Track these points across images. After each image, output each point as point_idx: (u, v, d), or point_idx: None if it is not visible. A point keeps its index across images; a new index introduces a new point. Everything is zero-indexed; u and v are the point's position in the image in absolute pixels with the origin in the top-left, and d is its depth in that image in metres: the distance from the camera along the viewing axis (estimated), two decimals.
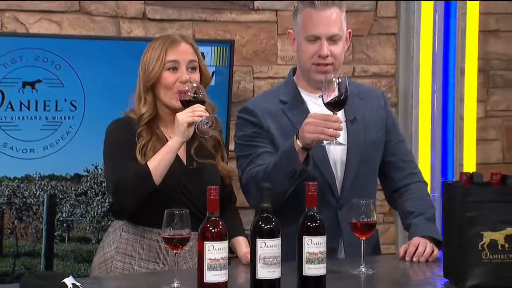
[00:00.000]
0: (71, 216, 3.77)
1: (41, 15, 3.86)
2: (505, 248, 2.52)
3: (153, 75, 2.89)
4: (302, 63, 2.98)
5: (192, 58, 2.93)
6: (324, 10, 2.90)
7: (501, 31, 4.61)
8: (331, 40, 2.91)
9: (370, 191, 3.01)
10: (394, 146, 3.08)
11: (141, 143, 2.86)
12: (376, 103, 3.08)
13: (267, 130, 2.94)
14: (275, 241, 2.32)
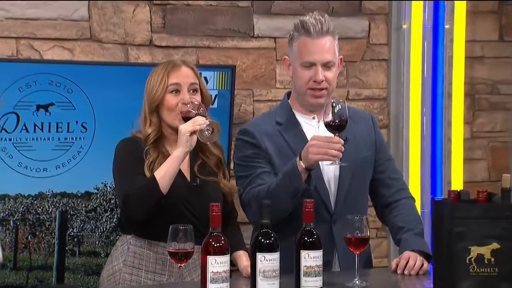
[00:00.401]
0: (81, 231, 3.76)
1: (54, 42, 3.87)
2: (491, 262, 2.52)
3: (157, 97, 2.90)
4: (298, 88, 2.99)
5: (193, 81, 2.94)
6: (319, 39, 2.91)
7: (485, 57, 4.62)
8: (326, 66, 2.92)
9: (362, 206, 3.02)
10: (382, 164, 3.08)
11: (149, 160, 2.86)
12: (365, 124, 3.09)
13: (265, 150, 2.94)
14: (274, 255, 2.32)
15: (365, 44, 4.41)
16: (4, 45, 3.78)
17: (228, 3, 4.14)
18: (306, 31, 2.92)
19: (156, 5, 4.03)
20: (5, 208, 3.62)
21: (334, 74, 2.96)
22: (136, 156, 2.88)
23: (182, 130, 2.75)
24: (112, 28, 3.96)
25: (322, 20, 2.93)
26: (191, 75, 2.95)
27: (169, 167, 2.77)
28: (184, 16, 4.08)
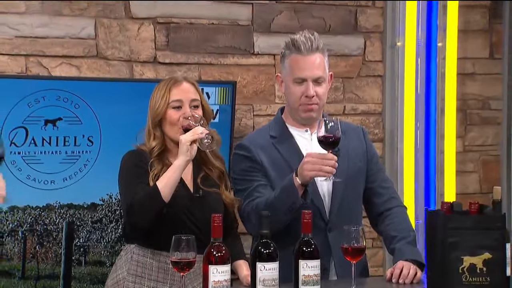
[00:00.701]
0: (87, 241, 3.76)
1: (62, 59, 3.87)
2: (483, 272, 2.52)
3: (159, 112, 2.90)
4: (290, 103, 3.00)
5: (194, 97, 2.94)
6: (309, 56, 2.93)
7: (476, 74, 4.62)
8: (316, 82, 2.93)
9: (356, 215, 3.02)
10: (374, 175, 3.09)
11: (153, 172, 2.86)
12: (356, 137, 3.10)
13: (261, 163, 2.95)
14: (273, 265, 2.31)
15: (361, 61, 4.42)
16: (14, 63, 3.78)
17: (229, 21, 4.15)
18: (297, 49, 2.94)
19: (160, 24, 4.04)
20: (14, 219, 3.62)
21: (324, 90, 2.97)
22: (140, 167, 2.88)
23: (183, 139, 2.76)
24: (117, 46, 3.97)
25: (312, 38, 2.94)
26: (192, 91, 2.96)
27: (171, 176, 2.77)
28: (187, 34, 4.08)
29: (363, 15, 4.40)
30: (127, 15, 3.98)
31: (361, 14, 4.39)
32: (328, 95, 4.30)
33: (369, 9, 4.40)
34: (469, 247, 2.51)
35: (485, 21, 4.62)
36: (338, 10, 4.34)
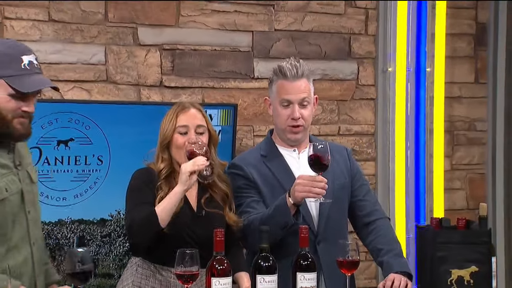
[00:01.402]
0: (97, 254, 3.74)
1: (74, 84, 3.88)
2: (471, 284, 2.51)
3: (167, 136, 2.90)
4: (278, 125, 3.01)
5: (200, 123, 2.92)
6: (295, 81, 2.95)
7: (463, 97, 4.63)
8: (301, 105, 2.95)
9: (342, 227, 3.02)
10: (356, 190, 3.08)
11: (160, 194, 2.85)
12: (341, 155, 3.10)
13: (253, 180, 2.95)
14: (272, 277, 2.30)
15: (355, 85, 4.42)
16: None
17: (230, 48, 4.16)
18: (283, 75, 2.96)
19: (166, 50, 4.04)
20: None
21: (309, 112, 2.99)
22: (146, 186, 2.87)
23: (183, 169, 2.74)
24: (126, 71, 3.97)
25: (298, 65, 2.97)
26: (199, 117, 2.94)
27: (168, 203, 2.75)
28: (191, 60, 4.09)
29: (356, 42, 4.40)
30: (135, 42, 3.99)
31: (355, 41, 4.40)
32: (324, 117, 4.34)
33: (362, 37, 4.41)
34: (457, 260, 2.50)
35: (470, 48, 4.63)
36: (333, 37, 4.35)
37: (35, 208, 2.50)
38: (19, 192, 2.41)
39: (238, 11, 4.16)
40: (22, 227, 2.41)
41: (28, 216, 2.44)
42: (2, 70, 2.34)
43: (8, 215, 2.36)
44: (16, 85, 2.34)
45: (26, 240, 2.43)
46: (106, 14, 3.92)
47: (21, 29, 3.78)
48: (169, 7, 4.03)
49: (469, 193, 4.65)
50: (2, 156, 2.39)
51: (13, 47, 2.42)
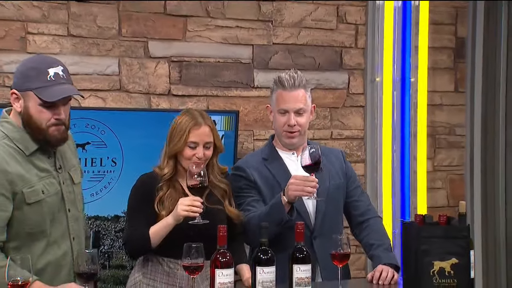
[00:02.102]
0: (111, 248, 3.74)
1: (90, 92, 3.88)
2: (451, 275, 2.51)
3: (177, 148, 2.88)
4: (276, 130, 3.03)
5: (208, 140, 2.90)
6: (292, 91, 2.95)
7: (444, 105, 4.64)
8: (297, 113, 2.95)
9: (337, 224, 3.01)
10: (352, 191, 3.09)
11: (159, 195, 2.88)
12: (336, 158, 3.11)
13: (254, 181, 2.96)
14: (271, 269, 2.30)
15: (346, 93, 4.43)
16: None
17: (233, 59, 4.17)
18: (282, 85, 2.96)
19: (174, 62, 4.05)
20: None
21: (305, 119, 2.98)
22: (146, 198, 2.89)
23: (179, 210, 2.75)
24: (137, 81, 3.98)
25: (295, 76, 2.96)
26: (208, 134, 2.91)
27: (161, 230, 2.80)
28: (197, 71, 4.10)
29: (347, 55, 4.41)
30: (146, 55, 4.00)
31: (346, 54, 4.41)
32: (317, 123, 4.34)
33: (352, 50, 4.42)
34: (439, 253, 2.50)
35: (450, 61, 4.64)
36: (326, 50, 4.36)
37: (75, 206, 2.55)
38: (58, 193, 2.46)
39: (239, 27, 4.17)
40: (62, 224, 2.46)
41: (68, 214, 2.48)
42: (30, 83, 2.38)
43: (46, 214, 2.41)
44: (43, 96, 2.38)
45: (66, 235, 2.48)
46: (119, 29, 3.93)
47: (42, 43, 3.78)
48: (177, 23, 4.04)
49: (449, 192, 4.65)
50: (42, 160, 2.43)
51: (39, 61, 2.46)
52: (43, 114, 2.39)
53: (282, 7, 4.25)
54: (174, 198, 2.84)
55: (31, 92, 2.38)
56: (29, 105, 2.38)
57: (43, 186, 2.41)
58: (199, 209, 2.73)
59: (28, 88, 2.38)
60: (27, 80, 2.38)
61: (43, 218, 2.40)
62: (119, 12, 3.92)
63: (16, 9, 3.73)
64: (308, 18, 4.31)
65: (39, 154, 2.43)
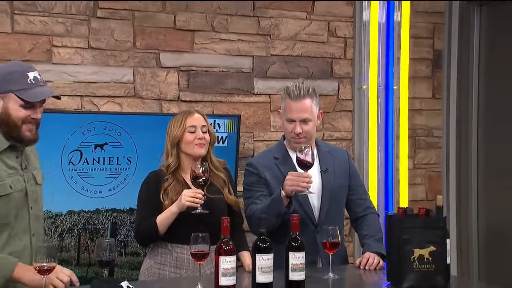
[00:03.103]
0: (126, 237, 3.74)
1: (108, 98, 3.88)
2: (429, 261, 2.51)
3: (178, 135, 2.94)
4: (286, 135, 3.00)
5: (204, 123, 2.99)
6: (298, 101, 2.89)
7: (423, 110, 4.63)
8: (303, 122, 2.89)
9: (339, 219, 2.99)
10: (355, 189, 3.07)
11: (165, 186, 2.91)
12: (341, 158, 3.07)
13: (264, 178, 2.94)
14: (269, 256, 2.30)
15: (336, 99, 4.42)
16: (72, 101, 3.79)
17: (235, 69, 4.16)
18: (289, 95, 2.91)
19: (182, 71, 4.05)
20: (71, 220, 3.61)
21: (311, 127, 2.92)
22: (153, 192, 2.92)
23: (183, 200, 2.79)
24: (150, 88, 3.97)
25: (301, 86, 2.89)
26: (202, 119, 3.01)
27: (166, 218, 2.84)
28: (203, 79, 4.09)
29: (337, 65, 4.41)
30: (158, 65, 3.99)
31: (336, 64, 4.40)
32: None
33: (341, 60, 4.42)
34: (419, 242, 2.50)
35: (428, 70, 4.64)
36: (318, 61, 4.36)
37: (37, 205, 2.48)
38: (23, 190, 2.41)
39: (241, 40, 4.16)
40: (24, 220, 2.41)
41: (30, 211, 2.43)
42: (11, 86, 2.35)
43: (11, 208, 2.36)
44: (25, 97, 2.34)
45: (27, 231, 2.42)
46: (134, 42, 3.93)
47: (66, 54, 3.78)
48: (185, 36, 4.04)
49: (428, 187, 4.65)
50: (11, 159, 2.40)
51: (17, 66, 2.44)
52: (21, 113, 2.36)
53: (279, 22, 4.25)
54: (177, 190, 2.87)
55: (12, 94, 2.34)
56: (9, 106, 2.34)
57: (11, 182, 2.36)
58: (201, 200, 2.75)
59: (10, 90, 2.33)
60: (8, 83, 2.34)
61: (9, 212, 2.35)
62: (134, 27, 3.92)
63: (43, 24, 3.72)
64: (302, 32, 4.31)
65: (8, 153, 2.38)
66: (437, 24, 4.62)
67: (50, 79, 3.73)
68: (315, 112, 2.94)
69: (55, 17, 3.75)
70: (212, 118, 3.81)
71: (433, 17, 4.60)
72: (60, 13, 3.75)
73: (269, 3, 4.22)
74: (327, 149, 3.06)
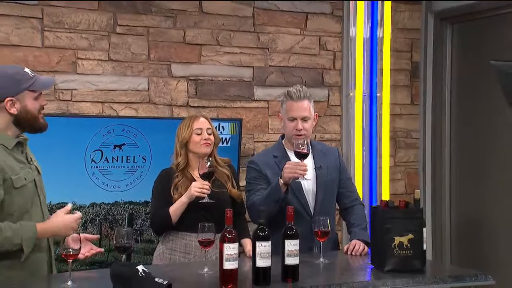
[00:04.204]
0: (142, 226, 3.73)
1: (125, 104, 3.87)
2: (408, 247, 2.50)
3: (186, 137, 2.96)
4: (287, 134, 2.99)
5: (208, 126, 3.00)
6: (298, 102, 2.92)
7: (403, 114, 4.63)
8: (303, 120, 2.92)
9: (331, 210, 3.00)
10: (344, 183, 3.07)
11: (175, 182, 2.91)
12: (333, 156, 3.08)
13: (265, 174, 2.94)
14: (267, 243, 2.29)
15: (326, 105, 4.42)
16: (94, 107, 3.79)
17: (237, 78, 4.16)
18: (290, 97, 2.94)
19: (191, 80, 4.04)
20: (93, 212, 3.60)
21: (309, 125, 2.95)
22: (163, 187, 2.93)
23: (192, 190, 2.81)
24: (162, 95, 3.97)
25: (301, 89, 2.94)
26: (207, 123, 3.02)
27: (178, 208, 2.84)
28: (209, 87, 4.09)
29: (327, 75, 4.40)
30: (169, 75, 3.98)
31: (326, 74, 4.40)
32: None
33: (331, 71, 4.41)
34: (399, 230, 2.49)
35: (407, 80, 4.64)
36: (311, 71, 4.36)
37: (43, 192, 2.48)
38: (33, 181, 2.40)
39: (242, 53, 4.16)
40: (37, 206, 2.41)
41: (40, 198, 2.43)
42: (23, 84, 2.32)
43: (28, 197, 2.36)
44: (37, 88, 2.34)
45: (41, 215, 2.42)
46: (149, 55, 3.92)
47: (89, 66, 3.77)
48: (193, 50, 4.03)
49: (407, 182, 4.64)
50: (19, 154, 2.39)
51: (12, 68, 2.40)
52: (35, 104, 2.35)
53: (276, 37, 4.24)
54: (186, 185, 2.89)
55: (26, 91, 2.32)
56: (27, 103, 2.33)
57: (24, 174, 2.35)
58: (208, 191, 2.75)
59: (23, 88, 2.32)
60: (19, 84, 2.31)
61: (26, 200, 2.35)
62: (148, 41, 3.91)
63: (69, 40, 3.72)
64: (296, 46, 4.30)
65: (16, 149, 2.37)
66: (414, 40, 4.61)
67: (75, 87, 3.73)
68: (312, 113, 2.98)
69: (80, 33, 3.74)
70: (216, 122, 3.81)
71: (411, 34, 4.60)
72: (84, 29, 3.75)
73: (268, 21, 4.21)
74: (321, 147, 3.06)
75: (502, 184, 4.20)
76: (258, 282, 2.27)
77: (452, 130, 4.56)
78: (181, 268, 2.73)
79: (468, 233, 4.42)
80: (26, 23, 3.60)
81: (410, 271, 2.46)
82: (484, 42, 4.28)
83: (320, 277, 2.46)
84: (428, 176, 4.61)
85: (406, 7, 4.57)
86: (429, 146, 4.61)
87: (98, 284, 2.30)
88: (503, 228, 4.18)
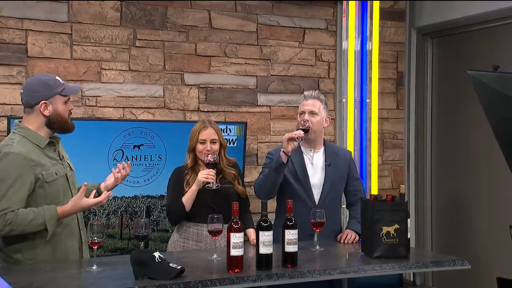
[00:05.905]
0: (158, 217, 3.73)
1: (144, 109, 3.87)
2: (394, 236, 2.50)
3: (192, 144, 2.99)
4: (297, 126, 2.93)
5: (214, 137, 2.97)
6: (309, 100, 2.96)
7: (389, 118, 4.61)
8: (311, 113, 2.92)
9: (336, 204, 2.99)
10: (354, 182, 3.05)
11: (186, 178, 2.93)
12: (344, 156, 3.05)
13: None
14: (270, 233, 2.29)
15: None
16: (116, 111, 3.79)
17: (242, 86, 4.15)
18: (304, 97, 2.99)
19: (202, 88, 4.04)
20: (115, 204, 3.60)
21: (317, 120, 2.93)
22: (177, 183, 2.95)
23: (199, 177, 2.82)
24: (176, 101, 3.96)
25: (313, 92, 2.98)
26: (213, 133, 2.98)
27: (190, 196, 2.85)
28: (218, 94, 4.08)
29: (323, 83, 4.39)
30: (182, 83, 3.98)
31: (321, 82, 4.39)
32: None
33: (326, 79, 4.40)
34: (386, 221, 2.49)
35: (393, 87, 4.62)
36: (308, 79, 4.34)
37: (75, 186, 2.51)
38: (65, 176, 2.42)
39: (247, 63, 4.15)
40: (69, 198, 2.42)
41: (72, 191, 2.45)
42: (55, 89, 2.37)
43: (60, 190, 2.39)
44: (68, 93, 2.39)
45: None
46: (164, 65, 3.92)
47: (111, 75, 3.77)
48: (204, 61, 4.03)
49: (393, 178, 4.63)
50: (51, 152, 2.42)
51: (43, 77, 2.45)
52: (66, 108, 2.39)
53: (277, 49, 4.24)
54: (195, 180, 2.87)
55: (58, 95, 2.36)
56: (58, 106, 2.37)
57: (56, 169, 2.38)
58: (213, 177, 2.78)
59: (56, 93, 2.36)
60: (52, 89, 2.36)
61: (58, 193, 2.38)
62: (164, 54, 3.91)
63: (94, 52, 3.72)
64: (295, 57, 4.29)
65: (48, 147, 2.40)
66: (399, 52, 4.60)
67: (100, 94, 3.73)
68: (323, 113, 2.96)
69: (104, 46, 3.74)
70: (224, 125, 3.81)
71: (397, 47, 4.59)
72: (108, 43, 3.75)
73: (270, 35, 4.20)
74: (333, 148, 3.08)
75: (476, 178, 4.20)
76: (261, 267, 2.27)
77: (433, 132, 4.56)
78: (193, 254, 2.73)
79: (446, 223, 4.42)
80: (57, 38, 3.61)
81: (396, 257, 2.46)
82: (460, 54, 4.29)
83: (316, 263, 2.46)
84: (412, 173, 4.60)
85: (392, 24, 4.57)
86: (412, 146, 4.61)
87: (120, 268, 2.30)
88: (477, 217, 4.18)
